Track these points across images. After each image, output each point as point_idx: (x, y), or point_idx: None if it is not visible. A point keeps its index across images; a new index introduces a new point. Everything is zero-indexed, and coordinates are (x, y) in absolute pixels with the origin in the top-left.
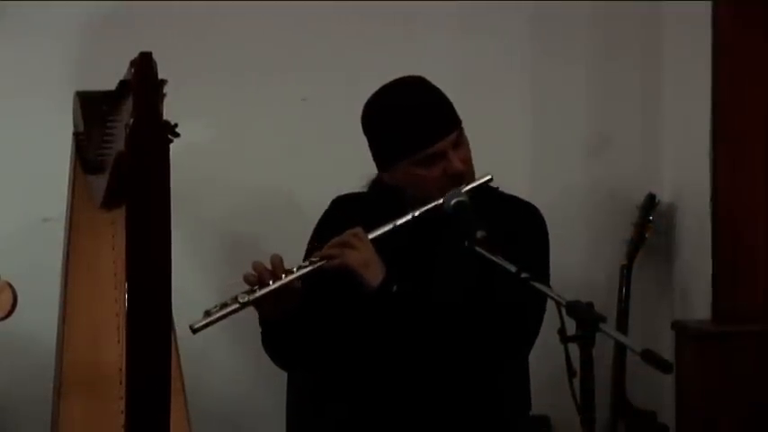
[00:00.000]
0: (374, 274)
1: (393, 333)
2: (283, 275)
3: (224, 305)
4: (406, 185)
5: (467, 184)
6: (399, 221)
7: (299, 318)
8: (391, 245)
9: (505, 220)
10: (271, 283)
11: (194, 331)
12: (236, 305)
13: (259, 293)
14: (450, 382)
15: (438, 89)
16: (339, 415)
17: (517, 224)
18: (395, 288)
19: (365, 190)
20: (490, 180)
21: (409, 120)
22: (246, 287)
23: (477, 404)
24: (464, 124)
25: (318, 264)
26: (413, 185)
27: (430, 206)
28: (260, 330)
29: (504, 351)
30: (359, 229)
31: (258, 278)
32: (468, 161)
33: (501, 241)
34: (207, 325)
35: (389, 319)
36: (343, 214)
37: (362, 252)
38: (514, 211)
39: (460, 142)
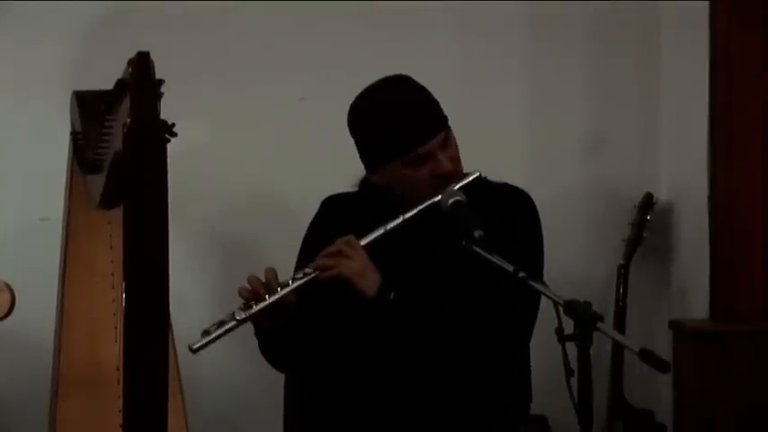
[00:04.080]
0: (370, 282)
1: (391, 338)
2: (279, 289)
3: (222, 323)
4: (396, 185)
5: (456, 183)
6: (390, 225)
7: (295, 326)
8: (383, 246)
9: (498, 209)
10: (267, 297)
11: (194, 351)
12: (234, 322)
13: (255, 309)
14: (448, 381)
15: (424, 88)
16: (337, 413)
17: (510, 211)
18: (392, 295)
19: (355, 189)
20: (478, 177)
21: (398, 120)
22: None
23: (475, 400)
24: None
25: (313, 275)
26: (402, 186)
27: (421, 207)
28: (256, 340)
29: (499, 349)
30: (351, 237)
31: (253, 293)
32: (456, 160)
33: (496, 231)
34: (206, 344)
35: (387, 325)
36: (335, 215)
37: (357, 261)
38: (506, 198)
39: (448, 141)
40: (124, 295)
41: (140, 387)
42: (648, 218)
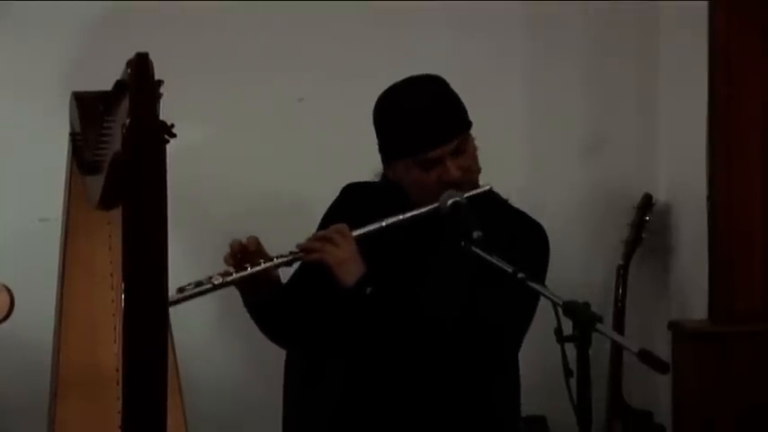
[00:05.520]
0: (349, 273)
1: (367, 332)
2: (262, 261)
3: (199, 283)
4: (405, 184)
5: (464, 192)
6: (387, 221)
7: (282, 302)
8: (381, 242)
9: (509, 232)
10: (248, 267)
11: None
12: (209, 285)
13: (233, 277)
14: (433, 382)
15: (450, 93)
16: (332, 402)
17: (520, 238)
18: (368, 290)
19: (377, 180)
20: (488, 190)
21: (413, 121)
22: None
23: (463, 402)
24: None
25: (297, 255)
26: (411, 185)
27: (421, 211)
28: (250, 313)
29: (484, 357)
30: (343, 226)
31: (234, 261)
32: (467, 169)
33: (501, 250)
34: (179, 301)
35: (361, 319)
36: (353, 202)
37: (342, 250)
38: (520, 225)
39: (463, 150)
40: (123, 296)
41: (139, 388)
42: (647, 218)
